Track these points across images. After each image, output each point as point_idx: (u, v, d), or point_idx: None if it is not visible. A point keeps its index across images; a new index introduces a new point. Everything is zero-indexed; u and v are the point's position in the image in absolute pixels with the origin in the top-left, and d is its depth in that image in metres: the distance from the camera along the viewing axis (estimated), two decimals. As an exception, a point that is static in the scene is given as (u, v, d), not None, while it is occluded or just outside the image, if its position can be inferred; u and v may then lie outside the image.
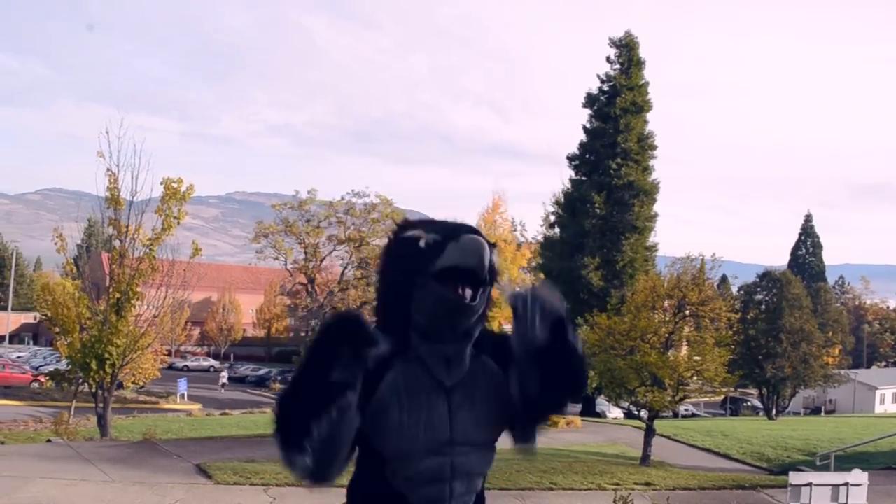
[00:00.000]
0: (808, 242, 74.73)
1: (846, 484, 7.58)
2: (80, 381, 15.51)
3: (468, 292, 1.74)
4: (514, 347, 1.79)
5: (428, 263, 1.73)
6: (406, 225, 1.86)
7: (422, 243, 1.76)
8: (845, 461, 13.47)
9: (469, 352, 1.85)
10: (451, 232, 1.77)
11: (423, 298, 1.75)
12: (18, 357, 44.76)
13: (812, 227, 75.58)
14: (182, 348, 59.35)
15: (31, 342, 63.05)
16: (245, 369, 52.28)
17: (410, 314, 1.79)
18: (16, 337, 64.56)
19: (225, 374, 45.41)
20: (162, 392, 35.06)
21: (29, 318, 63.36)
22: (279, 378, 47.65)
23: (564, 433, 20.87)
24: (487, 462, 1.91)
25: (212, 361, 58.83)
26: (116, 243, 14.39)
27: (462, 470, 1.85)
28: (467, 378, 1.85)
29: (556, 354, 1.77)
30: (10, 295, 57.16)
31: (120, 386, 25.26)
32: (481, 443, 1.87)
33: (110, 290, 14.11)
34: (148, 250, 14.17)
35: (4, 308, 59.73)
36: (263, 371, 50.45)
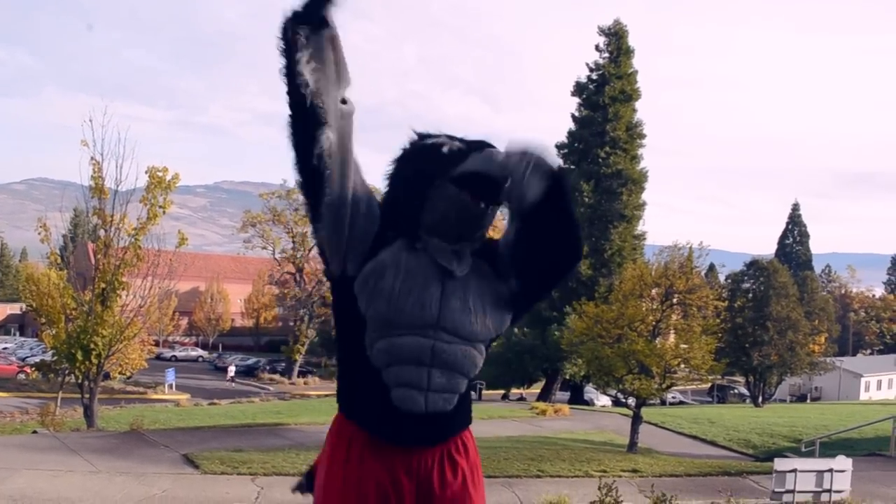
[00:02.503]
0: (795, 231, 75.16)
1: (830, 470, 7.64)
2: (67, 371, 15.41)
3: (482, 202, 1.82)
4: (509, 206, 1.86)
5: (448, 168, 1.80)
6: (425, 134, 1.92)
7: (445, 149, 1.82)
8: (830, 448, 13.60)
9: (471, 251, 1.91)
10: (475, 144, 1.86)
11: (438, 199, 1.81)
12: (4, 348, 44.49)
13: (799, 216, 76.00)
14: (170, 338, 59.10)
15: (18, 333, 62.59)
16: (233, 359, 52.14)
17: (421, 214, 1.84)
18: (1, 328, 64.08)
19: (233, 367, 45.28)
20: (150, 382, 34.95)
21: (15, 308, 62.87)
22: (267, 368, 47.60)
23: (552, 421, 20.96)
24: (471, 361, 1.89)
25: (200, 351, 58.68)
26: (101, 233, 14.25)
27: (443, 359, 1.84)
28: (465, 273, 1.88)
29: (548, 211, 1.81)
30: (-4, 285, 56.66)
31: (107, 376, 25.15)
32: (467, 337, 1.86)
33: (95, 280, 13.98)
34: (133, 240, 14.06)
35: (-10, 299, 59.19)
36: (252, 361, 50.32)
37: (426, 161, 1.84)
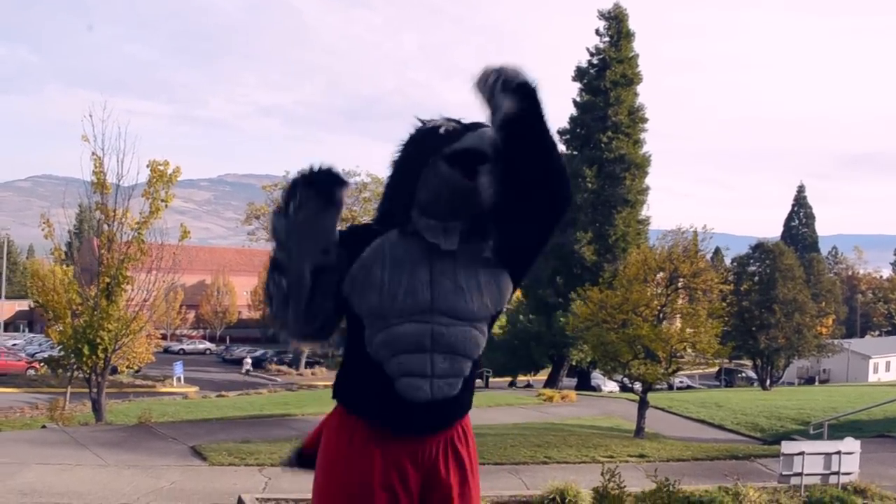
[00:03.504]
0: (800, 213, 74.81)
1: (839, 452, 7.61)
2: (75, 366, 15.47)
3: (475, 180, 1.80)
4: (489, 127, 1.84)
5: (443, 147, 1.81)
6: (426, 120, 1.93)
7: (442, 130, 1.84)
8: (838, 430, 13.56)
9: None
10: (472, 125, 1.86)
11: (431, 177, 1.81)
12: (14, 345, 44.69)
13: (805, 198, 75.62)
14: (178, 332, 59.34)
15: (27, 329, 62.93)
16: (240, 351, 52.35)
17: (415, 193, 1.84)
18: (11, 325, 64.43)
19: (249, 359, 45.47)
20: (158, 376, 35.10)
21: (23, 305, 63.14)
22: (275, 359, 47.77)
23: (559, 407, 20.97)
24: (472, 342, 1.87)
25: (207, 344, 58.89)
26: (104, 228, 14.27)
27: (443, 342, 1.82)
28: (454, 250, 1.86)
29: (523, 134, 1.79)
30: (2, 283, 56.98)
31: (115, 371, 25.26)
32: (464, 317, 1.85)
33: (100, 275, 14.01)
34: (136, 234, 14.08)
35: (-2, 296, 59.53)
36: (259, 352, 50.52)
37: (422, 142, 1.86)
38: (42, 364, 22.48)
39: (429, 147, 1.82)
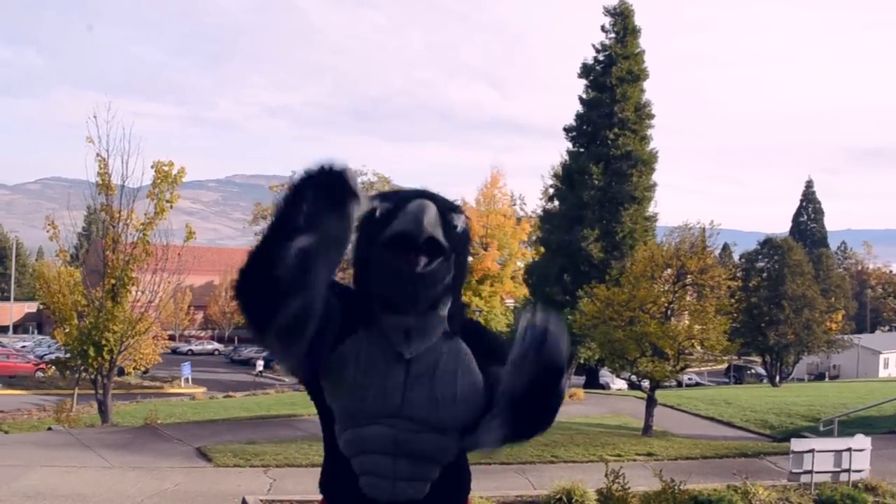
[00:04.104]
0: (809, 209, 74.47)
1: (849, 449, 7.52)
2: (82, 368, 15.51)
3: (422, 260, 1.65)
4: (503, 376, 1.67)
5: (380, 233, 1.67)
6: (374, 197, 1.77)
7: (377, 213, 1.69)
8: (849, 426, 13.43)
9: (437, 328, 1.76)
10: (403, 200, 1.68)
11: (376, 268, 1.70)
12: (23, 346, 44.90)
13: (813, 193, 75.26)
14: (186, 332, 59.51)
15: (36, 331, 63.26)
16: (249, 351, 52.48)
17: (370, 289, 1.73)
18: (20, 327, 64.78)
19: (261, 361, 45.50)
20: (166, 377, 35.21)
21: (32, 307, 63.49)
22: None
23: (567, 405, 20.72)
24: (441, 449, 1.76)
25: (215, 345, 59.04)
26: (109, 229, 14.27)
27: (408, 448, 1.73)
28: (431, 353, 1.75)
29: (536, 398, 1.66)
30: (12, 285, 57.33)
31: (122, 372, 25.31)
32: (434, 426, 1.74)
33: (105, 276, 14.02)
34: (141, 235, 14.07)
35: (7, 298, 59.84)
36: (266, 353, 50.49)
37: (364, 229, 1.72)
38: (49, 366, 22.57)
39: (368, 235, 1.70)
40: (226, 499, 7.37)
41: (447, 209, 1.70)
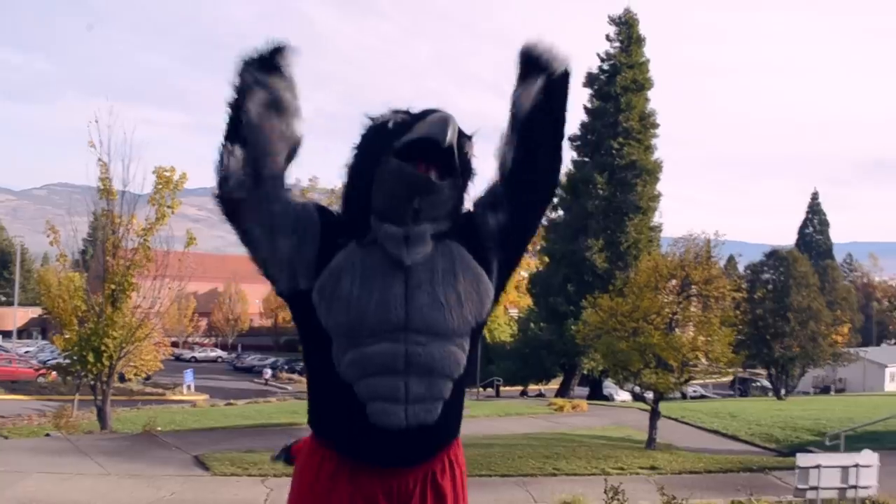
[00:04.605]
0: (815, 220, 74.13)
1: (856, 465, 7.39)
2: (82, 374, 15.44)
3: (434, 173, 1.63)
4: (512, 106, 1.77)
5: (392, 141, 1.64)
6: (375, 116, 1.77)
7: (390, 124, 1.69)
8: (855, 441, 13.26)
9: (431, 235, 1.72)
10: (421, 113, 1.69)
11: (384, 176, 1.65)
12: (26, 352, 44.94)
13: (819, 204, 74.94)
14: (189, 339, 59.50)
15: (40, 337, 63.36)
16: (252, 359, 52.43)
17: (371, 198, 1.68)
18: (24, 332, 64.92)
19: (268, 369, 45.34)
20: (169, 383, 35.10)
21: (36, 312, 63.59)
22: (286, 367, 47.73)
23: (570, 417, 20.72)
24: (453, 360, 1.68)
25: (219, 352, 59.01)
26: (110, 234, 14.23)
27: (419, 363, 1.64)
28: (429, 259, 1.69)
29: (558, 95, 1.76)
30: (16, 290, 57.47)
31: (122, 378, 25.22)
32: (443, 332, 1.66)
33: (105, 281, 13.97)
34: (142, 241, 14.03)
35: (12, 303, 59.98)
36: (270, 360, 50.49)
37: (371, 141, 1.70)
38: (49, 371, 22.50)
39: (378, 145, 1.67)
40: (222, 509, 7.27)
41: (461, 134, 1.68)
